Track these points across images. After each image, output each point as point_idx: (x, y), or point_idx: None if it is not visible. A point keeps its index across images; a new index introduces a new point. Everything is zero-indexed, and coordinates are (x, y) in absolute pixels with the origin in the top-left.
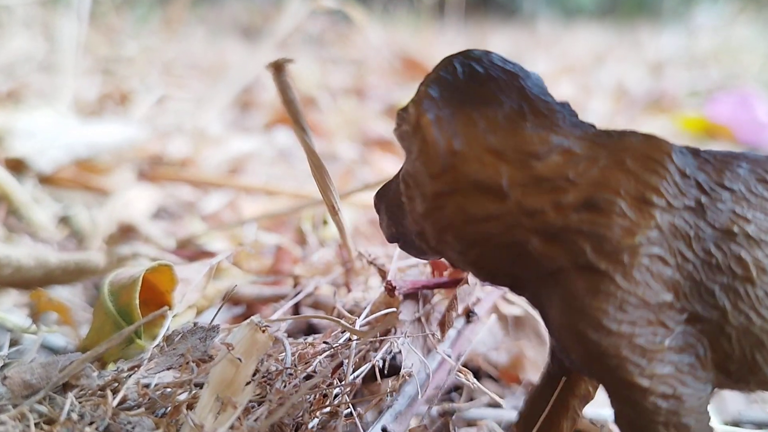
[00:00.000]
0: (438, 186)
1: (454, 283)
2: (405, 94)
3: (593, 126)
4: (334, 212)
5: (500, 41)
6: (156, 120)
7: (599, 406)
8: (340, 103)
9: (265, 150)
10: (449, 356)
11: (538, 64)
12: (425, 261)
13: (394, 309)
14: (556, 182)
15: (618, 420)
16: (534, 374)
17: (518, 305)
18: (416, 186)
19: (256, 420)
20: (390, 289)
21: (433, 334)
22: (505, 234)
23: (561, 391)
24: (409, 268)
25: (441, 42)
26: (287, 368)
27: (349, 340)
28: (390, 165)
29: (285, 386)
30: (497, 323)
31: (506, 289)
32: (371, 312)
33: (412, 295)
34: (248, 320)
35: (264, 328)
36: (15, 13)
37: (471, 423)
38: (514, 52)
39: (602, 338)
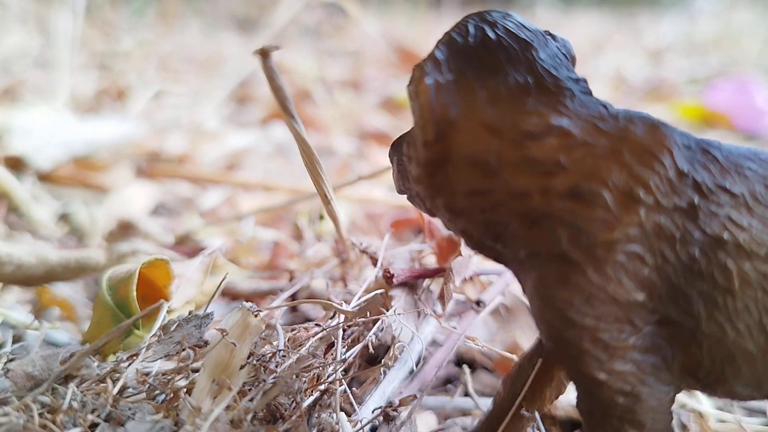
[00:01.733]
0: (430, 154)
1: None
2: (402, 86)
3: (605, 106)
4: (326, 201)
5: None
6: (153, 116)
7: None
8: (337, 96)
9: (262, 145)
10: (455, 328)
11: None
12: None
13: (383, 290)
14: (547, 166)
15: (578, 405)
16: None
17: (512, 296)
18: (413, 149)
19: (251, 400)
20: (388, 277)
21: (433, 311)
22: (489, 211)
23: (547, 360)
24: (399, 257)
25: (438, 33)
26: (280, 350)
27: (342, 322)
28: (387, 158)
29: (278, 367)
30: (491, 315)
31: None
32: (363, 295)
33: (404, 283)
34: (240, 305)
35: (256, 313)
36: (9, 9)
37: (466, 413)
38: None
39: (565, 329)
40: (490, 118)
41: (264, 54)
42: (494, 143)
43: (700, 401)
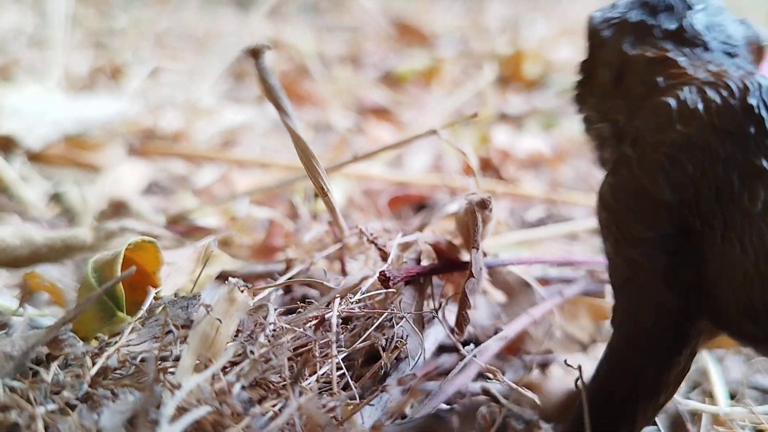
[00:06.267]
0: (585, 67)
1: (449, 267)
2: (401, 61)
3: (744, 70)
4: (323, 193)
5: (499, 4)
6: (148, 93)
7: None
8: (335, 72)
9: (259, 121)
10: (474, 356)
11: (537, 27)
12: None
13: (393, 290)
14: (651, 83)
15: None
16: (532, 347)
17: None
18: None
19: (237, 375)
20: (384, 280)
21: (452, 330)
22: (609, 112)
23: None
24: (410, 249)
25: (438, 7)
26: (270, 323)
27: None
28: (386, 133)
29: (269, 341)
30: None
31: None
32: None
33: (413, 281)
34: (226, 281)
35: (242, 288)
36: None
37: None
38: (513, 15)
39: (602, 209)
40: (627, 47)
41: (255, 54)
42: (622, 64)
43: (711, 382)
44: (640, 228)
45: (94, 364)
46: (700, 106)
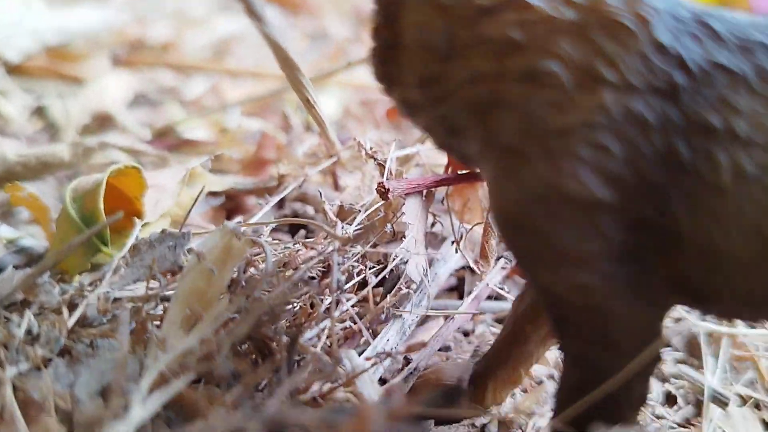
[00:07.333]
0: (381, 40)
1: (458, 179)
2: None
3: None
4: (309, 106)
5: None
6: (136, 2)
7: None
8: None
9: (253, 31)
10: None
11: None
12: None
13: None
14: (502, 45)
15: (550, 326)
16: None
17: None
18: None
19: (230, 332)
20: (382, 192)
21: (477, 262)
22: (443, 102)
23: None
24: (411, 163)
25: None
26: (268, 274)
27: (342, 247)
28: None
29: (265, 295)
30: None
31: None
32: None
33: (415, 194)
34: (222, 225)
35: (240, 235)
36: None
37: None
38: None
39: (517, 234)
40: None
41: None
42: (445, 23)
43: None
44: (579, 244)
45: (71, 311)
46: (599, 64)
